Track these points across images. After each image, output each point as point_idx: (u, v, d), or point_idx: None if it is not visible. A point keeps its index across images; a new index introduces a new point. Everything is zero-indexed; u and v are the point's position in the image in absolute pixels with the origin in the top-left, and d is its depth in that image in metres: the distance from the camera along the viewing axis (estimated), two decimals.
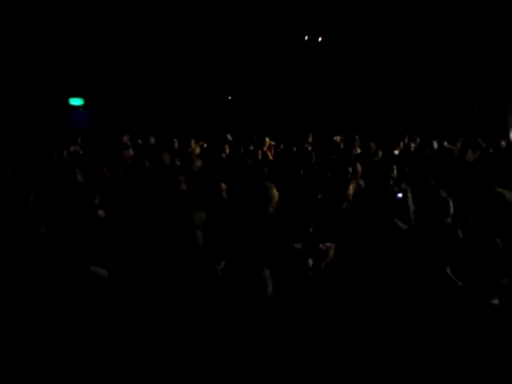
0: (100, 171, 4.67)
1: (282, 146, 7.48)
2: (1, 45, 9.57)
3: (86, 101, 11.17)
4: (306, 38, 11.12)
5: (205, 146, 7.97)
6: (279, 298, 2.70)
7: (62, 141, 7.11)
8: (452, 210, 2.97)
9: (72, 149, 6.53)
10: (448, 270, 2.73)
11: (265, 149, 6.89)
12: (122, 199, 4.12)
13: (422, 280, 2.84)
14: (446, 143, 7.28)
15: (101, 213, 3.85)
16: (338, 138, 7.23)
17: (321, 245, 3.34)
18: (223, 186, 4.03)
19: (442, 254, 2.86)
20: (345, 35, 10.92)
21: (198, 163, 5.66)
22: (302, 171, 5.06)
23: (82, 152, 6.62)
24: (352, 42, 10.94)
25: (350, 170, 4.93)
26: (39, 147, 6.22)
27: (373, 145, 6.39)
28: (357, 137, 7.21)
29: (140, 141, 6.96)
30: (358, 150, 6.68)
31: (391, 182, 4.30)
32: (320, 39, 11.05)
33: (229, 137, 8.13)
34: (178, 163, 5.73)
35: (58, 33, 10.06)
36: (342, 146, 7.03)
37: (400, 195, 4.20)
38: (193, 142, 7.19)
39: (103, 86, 10.88)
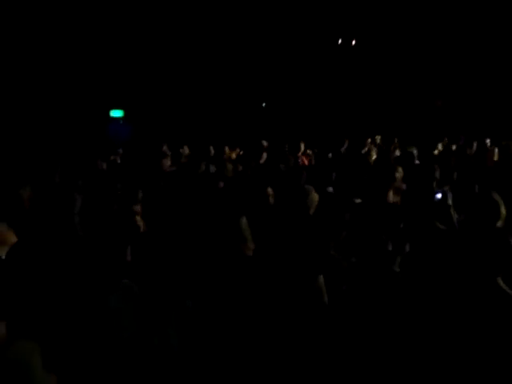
0: (140, 179, 4.80)
1: (316, 151, 7.44)
2: (45, 58, 10.09)
3: (125, 113, 11.57)
4: (340, 41, 11.04)
5: (241, 153, 8.04)
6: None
7: (103, 150, 7.38)
8: (504, 212, 2.76)
9: (112, 157, 6.76)
10: (500, 281, 2.51)
11: (299, 154, 6.87)
12: (162, 207, 4.22)
13: (469, 290, 2.64)
14: (488, 143, 7.00)
15: (138, 219, 3.95)
16: (378, 138, 7.09)
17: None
18: (270, 191, 4.03)
19: (492, 262, 2.65)
20: (380, 36, 10.76)
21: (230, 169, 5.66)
22: (334, 175, 5.01)
23: (119, 161, 6.84)
24: (389, 43, 10.76)
25: (395, 173, 4.85)
26: (83, 156, 6.49)
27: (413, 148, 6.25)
28: (396, 140, 7.06)
29: (183, 149, 7.10)
30: (397, 153, 6.53)
31: (434, 185, 4.17)
32: (354, 42, 10.94)
33: (264, 143, 8.17)
34: (213, 170, 5.81)
35: (100, 46, 10.51)
36: (374, 153, 6.89)
37: (439, 195, 4.05)
38: (227, 149, 7.27)
39: (142, 98, 11.23)
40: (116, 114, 11.50)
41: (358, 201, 4.10)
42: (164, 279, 2.40)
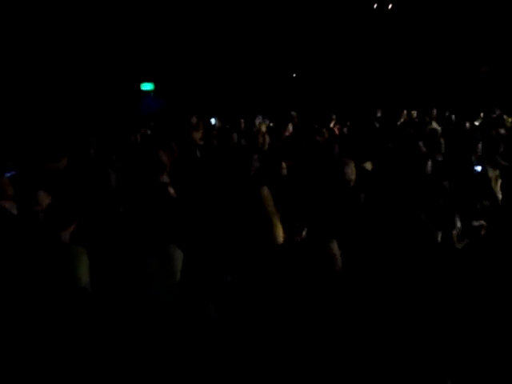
0: (170, 151, 4.82)
1: (349, 124, 7.25)
2: (76, 33, 10.18)
3: (156, 86, 11.61)
4: (375, 5, 10.52)
5: (270, 124, 7.95)
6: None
7: (135, 124, 7.47)
8: None
9: (143, 131, 6.85)
10: None
11: (331, 126, 6.72)
12: (193, 179, 4.25)
13: None
14: None
15: (171, 191, 3.99)
16: (414, 113, 6.83)
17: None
18: (284, 165, 4.05)
19: None
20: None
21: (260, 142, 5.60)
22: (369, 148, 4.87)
23: (149, 132, 6.91)
24: (428, 5, 10.15)
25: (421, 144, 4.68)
26: (116, 130, 6.60)
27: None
28: (434, 110, 6.77)
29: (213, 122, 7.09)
30: (434, 125, 6.27)
31: (474, 157, 3.99)
32: (390, 6, 10.40)
33: (293, 113, 8.02)
34: (244, 143, 5.78)
35: (130, 20, 10.48)
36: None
37: (479, 168, 3.88)
38: (257, 122, 7.20)
39: (172, 71, 11.21)
40: (147, 87, 11.56)
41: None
42: (205, 250, 2.43)
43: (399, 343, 2.09)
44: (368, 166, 4.35)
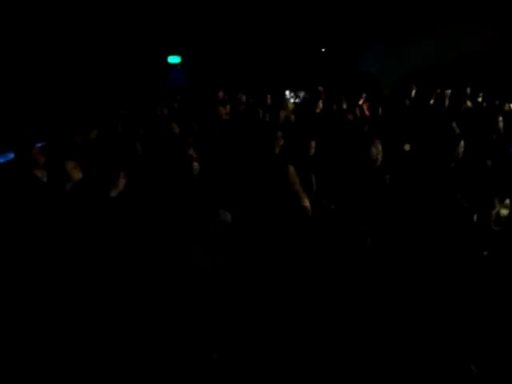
0: (192, 126, 4.83)
1: (381, 103, 7.02)
2: (105, 6, 10.15)
3: (183, 59, 11.53)
4: None
5: (297, 100, 7.81)
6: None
7: (162, 97, 7.48)
8: None
9: (169, 104, 6.84)
10: None
11: (361, 103, 6.54)
12: (216, 153, 4.25)
13: None
14: None
15: (195, 165, 4.01)
16: (447, 93, 6.53)
17: None
18: (313, 143, 4.01)
19: None
20: None
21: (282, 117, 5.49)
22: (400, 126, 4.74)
23: (176, 106, 6.90)
24: None
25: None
26: (143, 103, 6.63)
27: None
28: (468, 89, 6.48)
29: (240, 97, 7.01)
30: (469, 104, 6.02)
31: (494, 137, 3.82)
32: None
33: (320, 89, 7.83)
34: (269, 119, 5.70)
35: None
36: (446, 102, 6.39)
37: None
38: (287, 94, 7.07)
39: (199, 44, 11.09)
40: (174, 60, 11.50)
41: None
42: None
43: (425, 326, 2.07)
44: (406, 147, 4.25)
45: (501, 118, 4.95)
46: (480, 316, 2.17)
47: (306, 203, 2.62)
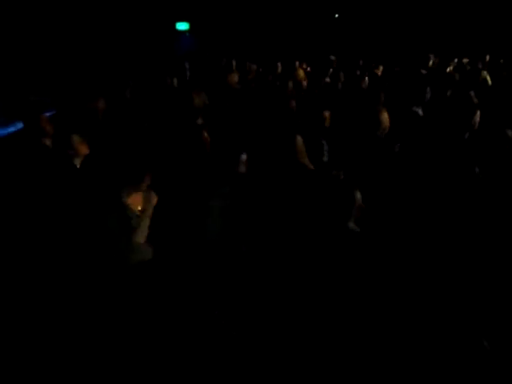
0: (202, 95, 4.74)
1: (398, 69, 6.81)
2: None
3: (191, 25, 11.26)
4: None
5: (308, 69, 7.61)
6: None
7: (170, 64, 7.34)
8: None
9: (180, 75, 6.72)
10: None
11: (378, 73, 6.35)
12: (226, 123, 4.19)
13: None
14: None
15: (205, 134, 3.96)
16: (465, 61, 6.30)
17: None
18: (327, 114, 3.93)
19: None
20: None
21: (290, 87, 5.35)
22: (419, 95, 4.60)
23: (188, 77, 6.79)
24: None
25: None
26: (151, 71, 6.53)
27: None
28: (487, 57, 6.23)
29: (250, 65, 6.85)
30: (485, 75, 5.79)
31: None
32: None
33: (332, 58, 7.61)
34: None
35: None
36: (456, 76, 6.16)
37: None
38: (297, 65, 6.91)
39: (208, 10, 10.78)
40: (182, 26, 11.23)
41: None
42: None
43: (435, 301, 2.06)
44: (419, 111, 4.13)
45: None
46: (492, 291, 2.15)
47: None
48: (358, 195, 2.25)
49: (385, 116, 3.14)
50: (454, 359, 1.94)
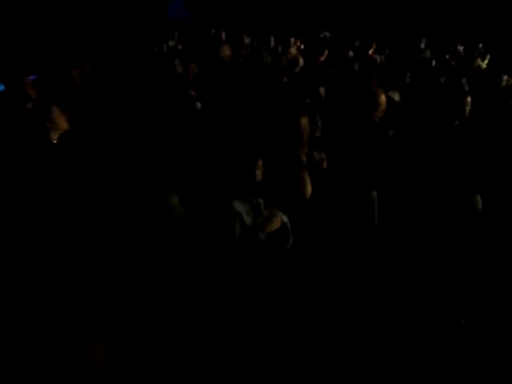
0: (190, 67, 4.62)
1: (387, 52, 6.74)
2: None
3: None
4: None
5: (302, 46, 7.47)
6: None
7: (160, 33, 7.10)
8: None
9: (171, 43, 6.51)
10: None
11: (370, 53, 6.26)
12: (217, 95, 4.10)
13: None
14: None
15: (198, 105, 3.87)
16: (461, 48, 6.26)
17: None
18: (322, 90, 3.89)
19: None
20: None
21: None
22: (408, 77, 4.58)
23: (180, 47, 6.59)
24: None
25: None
26: (140, 38, 6.29)
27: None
28: (480, 45, 6.20)
29: (243, 38, 6.67)
30: (481, 63, 5.77)
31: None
32: None
33: (327, 34, 7.48)
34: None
35: None
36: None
37: None
38: (292, 42, 6.77)
39: None
40: None
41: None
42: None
43: (418, 280, 2.09)
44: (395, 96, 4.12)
45: (505, 77, 4.77)
46: (472, 271, 2.19)
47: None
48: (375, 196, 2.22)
49: (382, 98, 3.10)
50: (435, 335, 2.00)
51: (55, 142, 2.68)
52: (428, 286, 2.15)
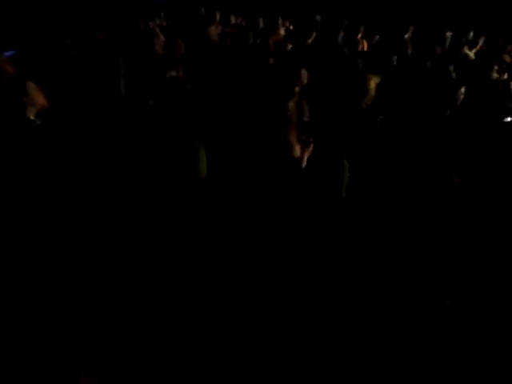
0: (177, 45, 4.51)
1: (376, 38, 6.68)
2: None
3: None
4: None
5: (291, 27, 7.34)
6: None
7: (146, 11, 6.90)
8: None
9: (158, 22, 6.33)
10: None
11: (359, 38, 6.20)
12: (203, 74, 4.03)
13: None
14: None
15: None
16: (449, 35, 6.22)
17: None
18: (304, 73, 3.84)
19: None
20: None
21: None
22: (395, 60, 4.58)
23: (165, 24, 6.43)
24: None
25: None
26: (126, 15, 6.11)
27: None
28: (471, 33, 6.19)
29: (230, 18, 6.53)
30: (468, 51, 5.76)
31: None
32: None
33: (318, 18, 7.35)
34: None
35: None
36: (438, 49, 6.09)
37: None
38: (280, 23, 6.66)
39: None
40: None
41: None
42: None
43: (399, 262, 2.10)
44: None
45: (496, 67, 4.78)
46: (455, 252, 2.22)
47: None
48: (347, 164, 2.22)
49: (372, 84, 3.07)
50: (419, 316, 2.02)
51: (32, 117, 2.59)
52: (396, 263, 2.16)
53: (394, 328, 2.01)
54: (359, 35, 6.25)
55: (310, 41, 5.95)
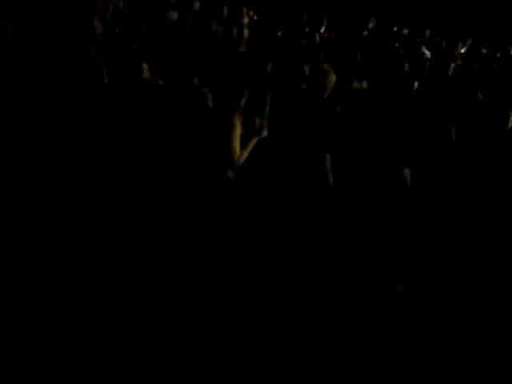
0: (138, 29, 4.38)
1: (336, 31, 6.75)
2: None
3: None
4: None
5: (255, 17, 7.28)
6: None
7: None
8: None
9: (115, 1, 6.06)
10: None
11: (322, 31, 6.24)
12: (164, 61, 3.92)
13: None
14: None
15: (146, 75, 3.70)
16: (405, 32, 6.38)
17: None
18: (270, 65, 3.84)
19: None
20: None
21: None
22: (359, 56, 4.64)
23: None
24: None
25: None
26: None
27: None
28: (428, 31, 6.37)
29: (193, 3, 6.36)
30: (425, 50, 5.92)
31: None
32: None
33: (281, 8, 7.33)
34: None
35: None
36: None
37: None
38: (244, 12, 6.58)
39: None
40: None
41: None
42: None
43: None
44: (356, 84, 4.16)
45: (452, 65, 4.96)
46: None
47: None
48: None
49: (331, 78, 3.07)
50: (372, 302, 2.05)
51: None
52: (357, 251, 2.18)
53: (393, 327, 2.03)
54: (322, 29, 6.30)
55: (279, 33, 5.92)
